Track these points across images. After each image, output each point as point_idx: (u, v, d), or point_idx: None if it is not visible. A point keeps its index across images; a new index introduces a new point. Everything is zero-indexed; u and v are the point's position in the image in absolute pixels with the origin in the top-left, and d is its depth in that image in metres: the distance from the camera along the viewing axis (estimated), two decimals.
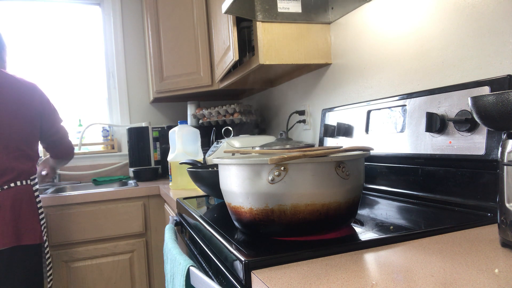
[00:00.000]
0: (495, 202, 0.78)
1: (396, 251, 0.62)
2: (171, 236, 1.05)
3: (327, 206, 0.69)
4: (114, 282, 1.98)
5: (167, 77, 2.25)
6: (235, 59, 1.48)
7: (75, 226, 1.90)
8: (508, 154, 0.58)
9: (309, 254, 0.62)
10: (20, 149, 1.51)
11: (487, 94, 0.57)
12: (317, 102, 1.67)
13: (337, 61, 1.49)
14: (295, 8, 1.41)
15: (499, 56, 0.85)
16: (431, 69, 1.04)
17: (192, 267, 0.76)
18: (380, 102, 1.16)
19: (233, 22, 1.47)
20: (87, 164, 2.56)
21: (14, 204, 1.46)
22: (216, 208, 1.13)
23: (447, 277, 0.50)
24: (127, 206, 2.00)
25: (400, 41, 1.15)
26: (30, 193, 1.52)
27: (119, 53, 2.65)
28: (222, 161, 0.76)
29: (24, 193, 1.50)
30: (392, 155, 1.08)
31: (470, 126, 0.85)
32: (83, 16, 2.66)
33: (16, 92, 1.52)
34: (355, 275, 0.53)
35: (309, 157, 0.66)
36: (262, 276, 0.55)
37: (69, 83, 2.62)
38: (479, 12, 0.89)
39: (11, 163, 1.47)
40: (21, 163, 1.50)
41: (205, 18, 2.07)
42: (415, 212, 0.89)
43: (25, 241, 1.47)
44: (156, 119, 2.73)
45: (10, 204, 1.45)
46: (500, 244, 0.61)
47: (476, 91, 0.84)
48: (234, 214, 0.76)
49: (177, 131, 1.80)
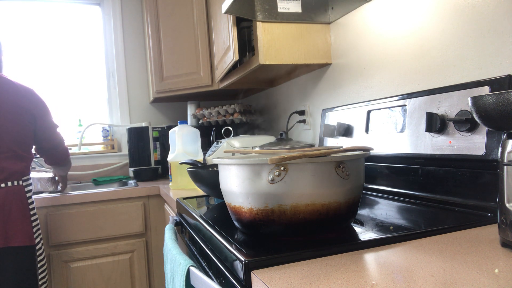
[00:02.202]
0: (495, 202, 0.78)
1: (396, 251, 0.62)
2: (171, 236, 1.05)
3: (327, 206, 0.69)
4: (114, 282, 1.98)
5: (167, 77, 2.25)
6: (235, 59, 1.48)
7: (75, 226, 1.90)
8: (508, 154, 0.58)
9: (309, 254, 0.62)
10: (11, 150, 1.50)
11: (487, 94, 0.57)
12: (317, 102, 1.67)
13: (337, 61, 1.49)
14: (295, 8, 1.41)
15: (499, 56, 0.85)
16: (431, 69, 1.04)
17: (192, 267, 0.76)
18: (380, 102, 1.16)
19: (233, 22, 1.47)
20: (87, 164, 2.56)
21: (4, 205, 1.44)
22: (216, 208, 1.13)
23: (447, 277, 0.50)
24: (127, 206, 2.00)
25: (400, 41, 1.15)
26: (21, 194, 1.50)
27: (119, 53, 2.65)
28: (222, 161, 0.76)
29: (15, 194, 1.48)
30: (392, 155, 1.08)
31: (470, 126, 0.85)
32: (83, 16, 2.66)
33: (11, 95, 1.52)
34: (355, 275, 0.53)
35: (309, 157, 0.66)
36: (262, 276, 0.55)
37: (69, 83, 2.62)
38: (479, 12, 0.89)
39: (2, 163, 1.46)
40: (13, 164, 1.49)
41: (205, 18, 2.07)
42: (415, 212, 0.89)
43: (14, 243, 1.44)
44: (156, 119, 2.73)
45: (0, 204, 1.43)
46: (500, 244, 0.61)
47: (476, 91, 0.84)
48: (234, 214, 0.76)
49: (177, 131, 1.79)
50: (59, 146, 1.75)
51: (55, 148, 1.74)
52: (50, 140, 1.69)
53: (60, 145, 1.76)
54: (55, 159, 1.78)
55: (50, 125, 1.68)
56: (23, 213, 1.49)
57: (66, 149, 1.82)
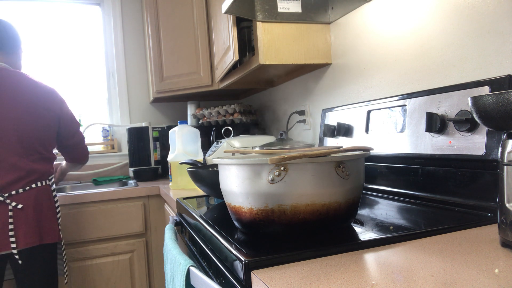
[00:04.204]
0: (495, 202, 0.78)
1: (396, 251, 0.62)
2: (171, 236, 1.05)
3: (327, 206, 0.69)
4: (114, 282, 1.98)
5: (167, 77, 2.25)
6: (235, 59, 1.48)
7: (75, 226, 1.90)
8: (508, 154, 0.58)
9: (309, 254, 0.62)
10: (39, 152, 1.55)
11: (487, 94, 0.57)
12: (317, 102, 1.67)
13: (337, 61, 1.49)
14: (295, 8, 1.41)
15: (499, 56, 0.85)
16: (431, 69, 1.04)
17: (192, 267, 0.76)
18: (380, 102, 1.16)
19: (233, 22, 1.47)
20: (87, 164, 2.55)
21: (37, 204, 1.50)
22: (216, 208, 1.13)
23: (447, 277, 0.50)
24: (127, 206, 2.00)
25: (400, 41, 1.15)
26: (49, 193, 1.57)
27: (119, 53, 2.65)
28: (222, 161, 0.76)
29: (44, 193, 1.55)
30: (392, 155, 1.08)
31: (470, 126, 0.85)
32: (83, 16, 2.66)
33: (36, 96, 1.55)
34: (355, 275, 0.53)
35: (309, 157, 0.66)
36: (262, 276, 0.55)
37: (69, 83, 2.62)
38: (479, 12, 0.89)
39: (33, 165, 1.52)
40: (41, 165, 1.55)
41: (205, 18, 2.07)
42: (415, 212, 0.89)
43: (47, 240, 1.51)
44: (156, 119, 2.73)
45: (33, 204, 1.48)
46: (500, 244, 0.61)
47: (476, 91, 0.84)
48: (234, 214, 0.76)
49: (177, 131, 1.79)
50: (80, 143, 1.79)
51: (76, 146, 1.77)
52: (72, 138, 1.73)
53: (81, 143, 1.80)
54: (77, 157, 1.82)
55: (73, 124, 1.72)
56: (52, 211, 1.56)
57: (86, 148, 1.86)
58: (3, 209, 1.41)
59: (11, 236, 1.41)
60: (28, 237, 1.44)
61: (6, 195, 1.42)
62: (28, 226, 1.45)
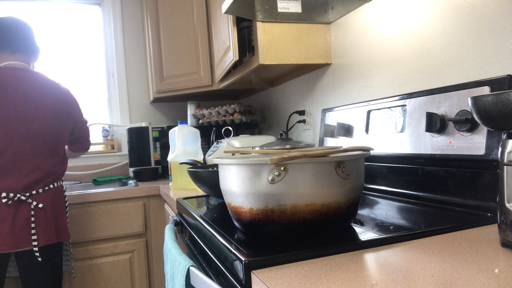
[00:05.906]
0: (495, 202, 0.78)
1: (396, 251, 0.62)
2: (171, 236, 1.05)
3: (327, 206, 0.69)
4: (114, 282, 1.98)
5: (167, 77, 2.25)
6: (235, 59, 1.48)
7: (75, 226, 1.90)
8: (508, 154, 0.58)
9: (309, 254, 0.62)
10: (58, 153, 1.61)
11: (487, 94, 0.57)
12: (317, 102, 1.67)
13: (337, 61, 1.49)
14: (295, 8, 1.41)
15: (499, 56, 0.85)
16: (431, 69, 1.04)
17: (192, 267, 0.76)
18: (380, 102, 1.16)
19: (233, 22, 1.47)
20: (87, 164, 2.56)
21: (53, 204, 1.55)
22: (216, 208, 1.13)
23: (447, 277, 0.50)
24: (127, 206, 2.00)
25: (400, 41, 1.15)
26: (62, 193, 1.63)
27: (119, 53, 2.65)
28: (222, 161, 0.76)
29: (59, 193, 1.60)
30: (392, 155, 1.08)
31: (470, 126, 0.85)
32: (83, 16, 2.66)
33: (58, 98, 1.59)
34: (355, 275, 0.53)
35: (309, 157, 0.66)
36: (262, 276, 0.55)
37: (69, 83, 2.62)
38: (479, 12, 0.89)
39: (54, 167, 1.57)
40: (59, 167, 1.61)
41: (205, 18, 2.07)
42: (415, 212, 0.89)
43: (61, 238, 1.57)
44: (156, 119, 2.73)
45: (51, 203, 1.54)
46: (500, 244, 0.61)
47: (476, 91, 0.84)
48: (234, 214, 0.76)
49: (177, 131, 1.80)
50: (85, 136, 1.83)
51: (81, 139, 1.80)
52: (81, 133, 1.77)
53: (86, 136, 1.84)
54: (81, 148, 1.85)
55: (84, 123, 1.77)
56: (65, 210, 1.63)
57: (90, 140, 1.88)
58: (25, 208, 1.47)
59: (33, 234, 1.46)
60: (47, 235, 1.50)
61: (27, 194, 1.47)
62: (47, 224, 1.50)
